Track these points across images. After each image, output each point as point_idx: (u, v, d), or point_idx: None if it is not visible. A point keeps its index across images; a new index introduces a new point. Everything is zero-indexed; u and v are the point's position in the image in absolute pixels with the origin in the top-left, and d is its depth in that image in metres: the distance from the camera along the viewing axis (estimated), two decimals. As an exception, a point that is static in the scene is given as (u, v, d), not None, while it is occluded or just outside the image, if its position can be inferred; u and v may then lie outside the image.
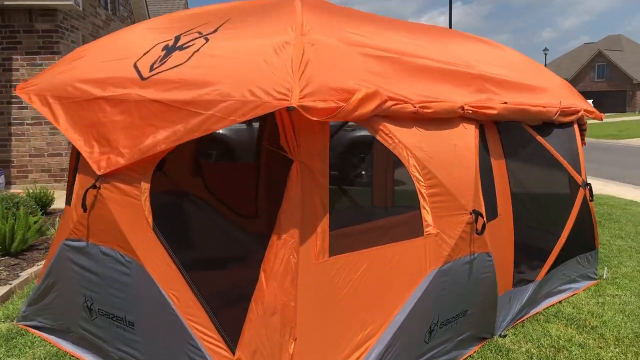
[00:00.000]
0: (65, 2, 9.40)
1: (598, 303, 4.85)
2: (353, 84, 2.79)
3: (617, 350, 3.95)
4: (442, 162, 3.17)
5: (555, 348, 3.95)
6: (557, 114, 4.60)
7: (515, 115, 4.04)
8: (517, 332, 4.19)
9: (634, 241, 7.08)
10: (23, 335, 3.87)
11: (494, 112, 3.75)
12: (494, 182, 3.94)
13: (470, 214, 3.19)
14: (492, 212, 3.75)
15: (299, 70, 2.55)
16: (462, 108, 3.53)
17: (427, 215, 3.03)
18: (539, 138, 4.44)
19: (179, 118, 2.85)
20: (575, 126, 5.13)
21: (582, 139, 5.26)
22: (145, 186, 3.00)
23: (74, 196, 3.42)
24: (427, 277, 2.99)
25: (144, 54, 3.47)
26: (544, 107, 4.40)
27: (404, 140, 3.01)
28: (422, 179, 3.03)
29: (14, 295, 4.77)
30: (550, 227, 4.46)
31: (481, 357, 3.77)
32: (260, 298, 2.65)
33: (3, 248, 5.47)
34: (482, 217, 3.19)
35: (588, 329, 4.29)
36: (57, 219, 6.93)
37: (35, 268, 5.28)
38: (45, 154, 9.92)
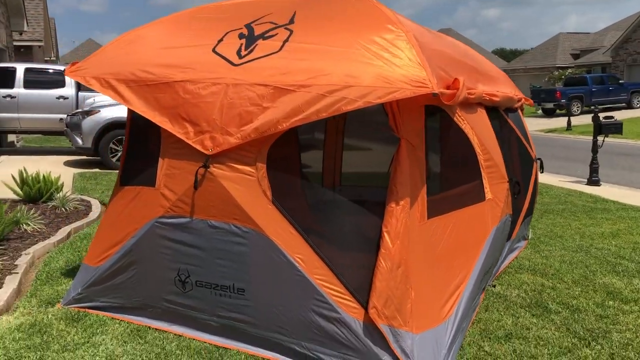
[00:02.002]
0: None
1: (542, 257, 5.92)
2: (442, 74, 3.36)
3: (579, 289, 4.97)
4: (486, 138, 3.87)
5: (537, 291, 4.87)
6: (516, 101, 5.55)
7: (504, 102, 4.87)
8: (501, 282, 5.06)
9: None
10: (86, 315, 3.91)
11: (498, 99, 4.53)
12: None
13: (508, 181, 3.93)
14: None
15: (426, 63, 3.06)
16: (482, 95, 4.24)
17: (486, 184, 3.72)
18: (509, 121, 5.33)
19: (294, 99, 3.19)
20: (520, 111, 6.14)
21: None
22: (261, 165, 3.31)
23: (161, 176, 3.58)
24: (491, 234, 3.68)
25: (218, 41, 3.72)
26: (512, 95, 5.30)
27: (468, 121, 3.65)
28: (481, 153, 3.70)
29: (30, 284, 4.65)
30: (521, 195, 5.39)
31: (489, 303, 4.57)
32: (387, 255, 3.14)
33: (-20, 239, 5.21)
34: (518, 185, 3.95)
35: (550, 275, 5.30)
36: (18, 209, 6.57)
37: (25, 257, 5.11)
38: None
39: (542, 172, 5.98)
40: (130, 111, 4.06)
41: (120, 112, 11.04)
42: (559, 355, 3.70)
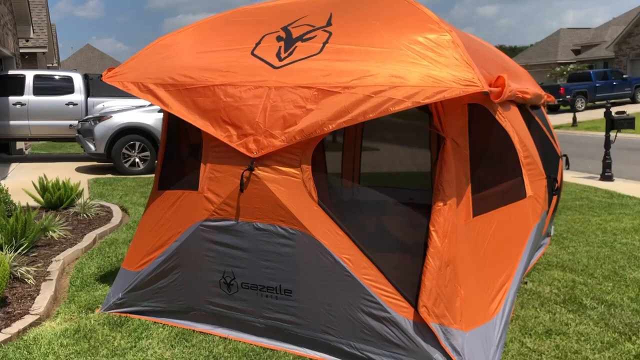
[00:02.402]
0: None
1: (568, 253, 5.92)
2: (485, 73, 3.37)
3: (611, 284, 4.98)
4: (524, 135, 3.88)
5: (569, 287, 4.88)
6: (542, 98, 5.57)
7: (534, 99, 4.87)
8: (532, 279, 5.07)
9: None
10: (128, 320, 3.92)
11: (529, 96, 4.53)
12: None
13: (546, 178, 3.95)
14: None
15: (472, 62, 3.07)
16: (516, 93, 4.26)
17: (527, 181, 3.73)
18: (536, 118, 5.35)
19: (340, 101, 3.20)
20: (542, 107, 6.15)
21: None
22: (306, 167, 3.32)
23: (204, 180, 3.59)
24: (532, 230, 3.69)
25: (256, 44, 3.73)
26: (540, 92, 5.32)
27: (508, 119, 3.67)
28: (521, 150, 3.72)
29: (65, 290, 4.66)
30: (551, 191, 5.41)
31: (523, 300, 4.57)
32: (436, 254, 3.15)
33: (10, 247, 5.21)
34: (557, 181, 3.97)
35: (579, 272, 5.30)
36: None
37: (57, 264, 5.12)
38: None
39: (567, 169, 5.99)
40: (166, 115, 4.07)
41: (132, 117, 11.06)
42: (602, 350, 3.70)
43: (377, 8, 3.76)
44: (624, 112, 11.06)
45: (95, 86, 13.26)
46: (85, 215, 7.02)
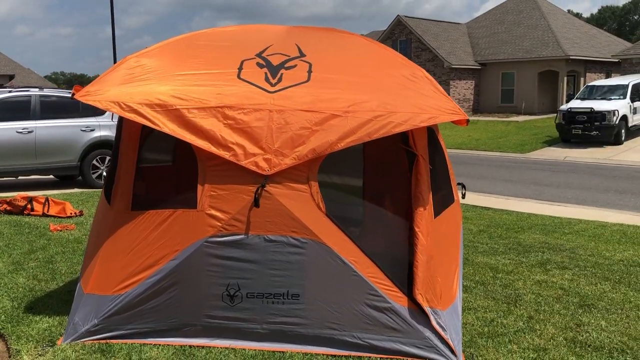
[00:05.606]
0: None
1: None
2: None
3: (471, 269, 6.24)
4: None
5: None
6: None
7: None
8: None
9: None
10: (112, 346, 3.77)
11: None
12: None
13: (458, 185, 4.93)
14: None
15: (448, 95, 3.84)
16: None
17: (453, 187, 4.64)
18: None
19: (345, 123, 3.69)
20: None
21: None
22: (313, 182, 3.72)
23: (204, 198, 3.70)
24: (461, 227, 4.60)
25: (239, 69, 3.99)
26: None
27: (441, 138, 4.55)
28: (449, 162, 4.62)
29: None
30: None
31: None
32: (423, 249, 3.84)
33: None
34: (464, 187, 4.96)
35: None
36: None
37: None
38: None
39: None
40: (136, 135, 4.02)
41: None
42: (504, 316, 4.78)
43: (342, 44, 4.32)
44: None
45: None
46: None
